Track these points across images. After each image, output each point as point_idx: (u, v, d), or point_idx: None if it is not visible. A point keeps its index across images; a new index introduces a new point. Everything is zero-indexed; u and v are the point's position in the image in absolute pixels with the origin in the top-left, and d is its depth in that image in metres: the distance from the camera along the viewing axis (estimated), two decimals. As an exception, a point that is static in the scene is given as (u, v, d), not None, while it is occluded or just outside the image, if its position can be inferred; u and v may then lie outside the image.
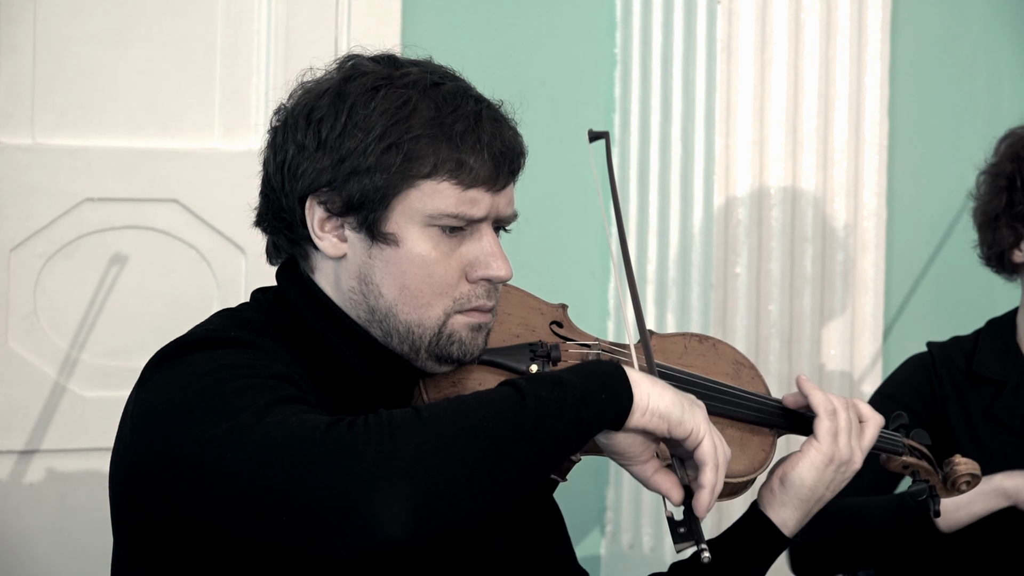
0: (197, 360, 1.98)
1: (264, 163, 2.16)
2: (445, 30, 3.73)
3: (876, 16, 3.92)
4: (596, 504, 3.92)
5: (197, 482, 1.91)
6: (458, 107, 2.07)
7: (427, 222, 2.07)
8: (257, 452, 1.85)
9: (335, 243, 2.10)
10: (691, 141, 3.81)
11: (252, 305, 2.17)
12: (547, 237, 3.82)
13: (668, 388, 2.00)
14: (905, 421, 2.42)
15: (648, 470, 2.04)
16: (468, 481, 1.84)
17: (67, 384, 3.46)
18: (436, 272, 2.08)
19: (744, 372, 2.35)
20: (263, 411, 1.88)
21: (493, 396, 1.91)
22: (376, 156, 2.05)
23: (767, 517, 2.27)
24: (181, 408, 1.94)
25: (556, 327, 2.27)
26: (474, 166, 2.06)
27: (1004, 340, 3.11)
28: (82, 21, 3.47)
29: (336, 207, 2.08)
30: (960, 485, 2.44)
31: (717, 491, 2.01)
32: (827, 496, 2.28)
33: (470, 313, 2.10)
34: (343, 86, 2.09)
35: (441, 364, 2.11)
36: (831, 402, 2.27)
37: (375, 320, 2.10)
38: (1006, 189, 3.05)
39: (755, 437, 2.26)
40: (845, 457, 2.26)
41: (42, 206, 3.44)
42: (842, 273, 3.91)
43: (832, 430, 2.26)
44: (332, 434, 1.84)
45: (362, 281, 2.10)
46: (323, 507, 1.82)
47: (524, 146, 2.14)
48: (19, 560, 3.47)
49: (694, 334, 2.38)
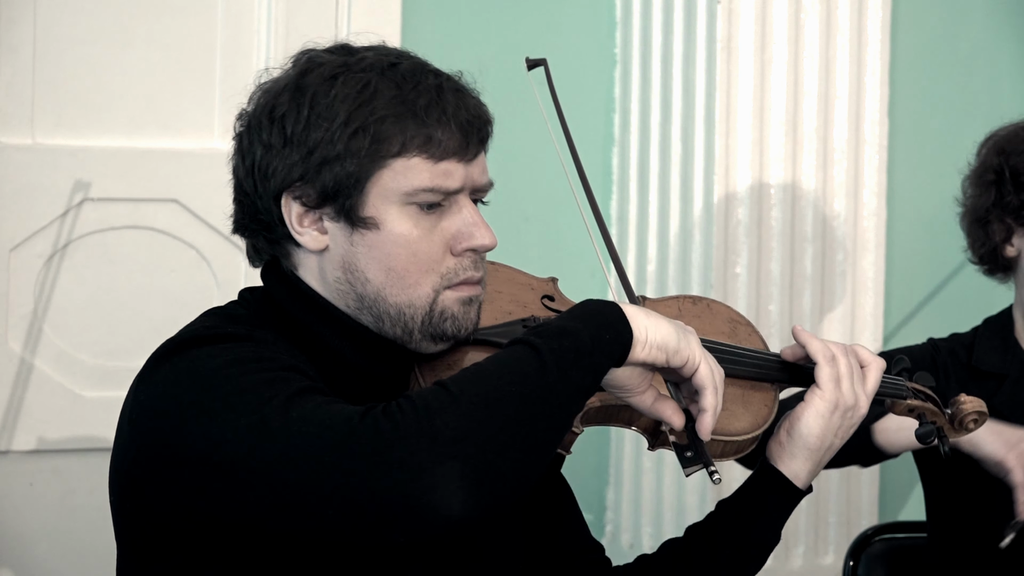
0: (200, 356, 1.96)
1: (233, 170, 2.16)
2: (445, 30, 3.73)
3: (876, 16, 3.92)
4: (596, 504, 3.92)
5: (225, 481, 1.89)
6: (419, 83, 2.07)
7: (404, 200, 2.07)
8: (292, 447, 1.84)
9: (316, 236, 2.10)
10: (691, 141, 3.81)
11: (240, 303, 2.17)
12: (547, 237, 3.82)
13: (662, 319, 2.02)
14: (907, 365, 2.41)
15: (647, 399, 2.06)
16: (512, 449, 1.85)
17: (67, 384, 3.46)
18: (420, 250, 2.07)
19: (740, 329, 2.35)
20: (287, 404, 1.87)
21: (511, 358, 1.91)
22: (344, 142, 2.05)
23: (778, 471, 2.26)
24: (193, 406, 1.92)
25: (548, 301, 2.27)
26: (442, 138, 2.06)
27: (1003, 335, 3.12)
28: (82, 21, 3.47)
29: (311, 200, 2.07)
30: (968, 423, 2.43)
31: (718, 412, 2.05)
32: (836, 444, 2.26)
33: (459, 287, 2.10)
34: (301, 79, 2.09)
35: (436, 342, 2.11)
36: (829, 349, 2.26)
37: (364, 307, 2.10)
38: (994, 184, 3.06)
39: (757, 393, 2.26)
40: (850, 402, 2.25)
41: (42, 206, 3.44)
42: (842, 273, 3.91)
43: (833, 376, 2.25)
44: (369, 423, 1.83)
45: (347, 270, 2.09)
46: (375, 499, 1.81)
47: (490, 113, 2.14)
48: (20, 560, 3.47)
49: (687, 296, 2.37)
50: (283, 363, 1.96)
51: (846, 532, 3.88)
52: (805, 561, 3.88)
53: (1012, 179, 3.04)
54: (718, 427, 2.20)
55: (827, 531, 3.91)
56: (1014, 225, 3.06)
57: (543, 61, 2.31)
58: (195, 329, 2.04)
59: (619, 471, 3.91)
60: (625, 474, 3.89)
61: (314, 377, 1.98)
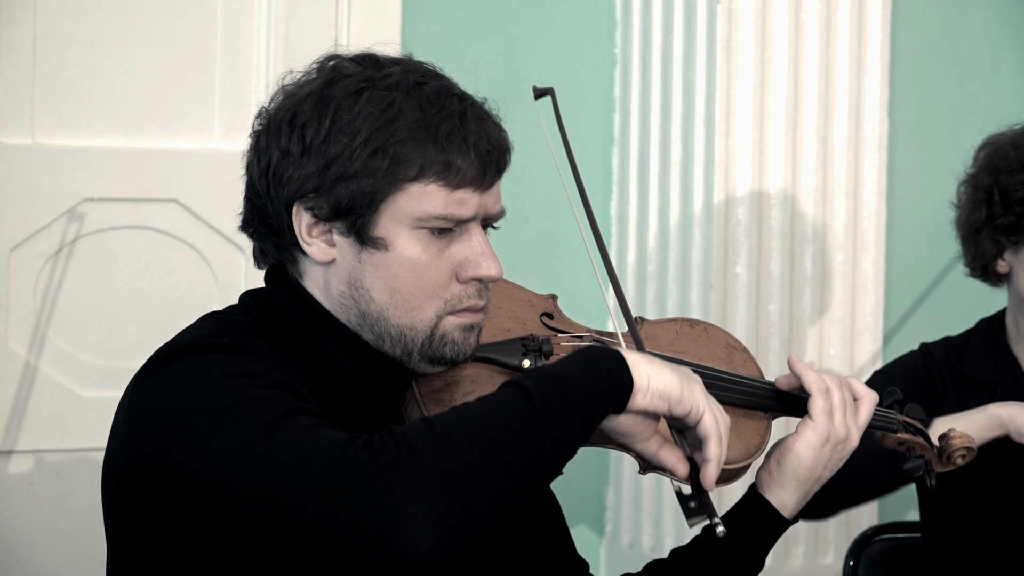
0: (192, 367, 1.96)
1: (247, 166, 2.15)
2: (445, 30, 3.73)
3: (876, 16, 3.92)
4: (596, 504, 3.92)
5: (204, 495, 1.90)
6: (443, 107, 2.06)
7: (416, 225, 2.06)
8: (272, 472, 1.85)
9: (324, 248, 2.09)
10: (691, 141, 3.81)
11: (240, 308, 2.16)
12: (546, 237, 3.82)
13: (666, 366, 2.00)
14: (899, 397, 2.42)
15: (652, 446, 2.05)
16: (490, 493, 1.84)
17: (67, 384, 3.46)
18: (427, 274, 2.07)
19: (736, 356, 2.35)
20: (271, 426, 1.87)
21: (501, 400, 1.90)
22: (362, 161, 2.04)
23: (766, 500, 2.26)
24: (182, 418, 1.92)
25: (547, 319, 2.26)
26: (461, 167, 2.05)
27: (995, 342, 3.13)
28: (82, 21, 3.47)
29: (323, 213, 2.07)
30: (956, 459, 2.44)
31: (722, 462, 2.03)
32: (825, 476, 2.27)
33: (461, 314, 2.09)
34: (325, 90, 2.07)
35: (434, 365, 2.10)
36: (824, 381, 2.26)
37: (366, 324, 2.09)
38: (985, 202, 3.07)
39: (750, 421, 2.26)
40: (841, 436, 2.25)
41: (42, 206, 3.44)
42: (842, 273, 3.91)
43: (826, 409, 2.25)
44: (350, 455, 1.83)
45: (352, 286, 2.09)
46: (348, 530, 1.82)
47: (510, 142, 2.13)
48: (19, 560, 3.47)
49: (685, 319, 2.37)
50: (274, 379, 1.95)
51: (846, 532, 3.88)
52: (805, 561, 3.88)
53: (1002, 200, 3.04)
54: None
55: (827, 531, 3.91)
56: (1005, 243, 3.06)
57: (550, 90, 2.28)
58: (192, 336, 2.03)
59: (619, 471, 3.91)
60: (625, 474, 3.89)
61: (305, 395, 1.97)
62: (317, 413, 1.94)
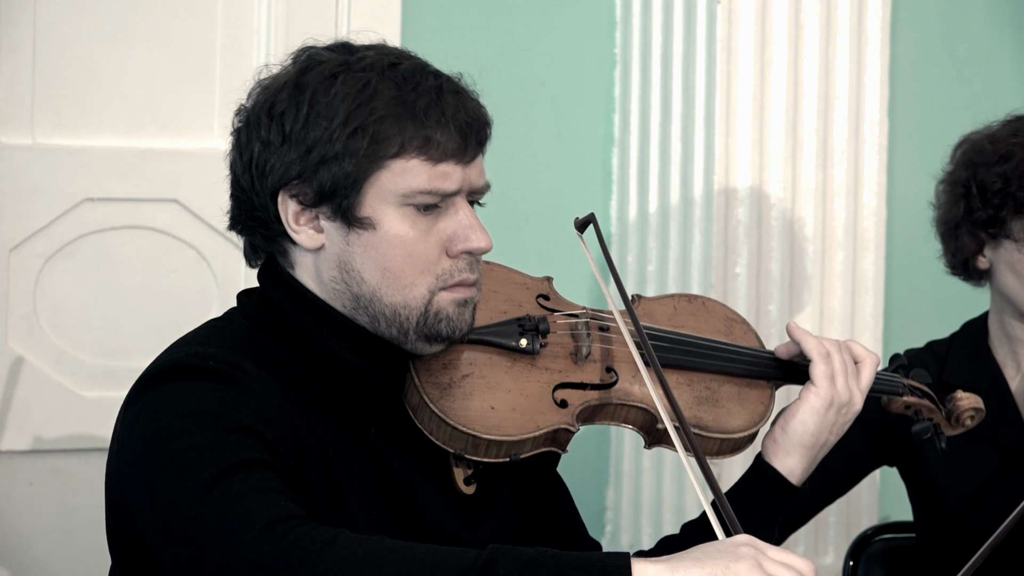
0: (169, 395, 1.99)
1: (231, 165, 2.17)
2: (445, 30, 3.73)
3: (876, 16, 3.92)
4: (596, 504, 3.92)
5: (157, 528, 1.94)
6: (418, 84, 2.07)
7: (401, 202, 2.07)
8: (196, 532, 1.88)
9: (312, 235, 2.10)
10: (691, 141, 3.81)
11: (238, 311, 2.17)
12: (546, 237, 3.82)
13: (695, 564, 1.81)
14: (903, 362, 2.42)
15: None
16: None
17: (67, 384, 3.46)
18: (416, 251, 2.07)
19: (736, 328, 2.35)
20: (214, 480, 1.89)
21: (455, 556, 1.83)
22: (343, 142, 2.05)
23: (773, 467, 2.26)
24: (149, 455, 1.96)
25: (543, 300, 2.27)
26: (441, 140, 2.06)
27: (976, 345, 3.07)
28: (82, 21, 3.47)
29: (309, 198, 2.08)
30: (964, 420, 2.43)
31: None
32: (831, 440, 2.27)
33: (454, 289, 2.10)
34: (301, 77, 2.09)
35: (431, 343, 2.11)
36: (824, 346, 2.27)
37: (360, 307, 2.10)
38: (963, 197, 3.02)
39: (752, 391, 2.27)
40: (844, 399, 2.25)
41: (42, 206, 3.43)
42: (842, 273, 3.91)
43: (828, 373, 2.25)
44: (271, 537, 1.84)
45: (343, 269, 2.09)
46: None
47: (488, 115, 2.14)
48: (19, 560, 3.47)
49: (683, 294, 2.37)
50: (240, 423, 1.96)
51: (846, 532, 3.88)
52: (805, 561, 3.88)
53: (980, 194, 3.00)
54: (714, 425, 2.21)
55: (827, 531, 3.91)
56: (984, 237, 3.02)
57: (592, 218, 2.26)
58: (181, 356, 2.05)
59: (619, 471, 3.91)
60: (625, 474, 3.89)
61: (272, 442, 1.98)
62: (277, 466, 1.95)
